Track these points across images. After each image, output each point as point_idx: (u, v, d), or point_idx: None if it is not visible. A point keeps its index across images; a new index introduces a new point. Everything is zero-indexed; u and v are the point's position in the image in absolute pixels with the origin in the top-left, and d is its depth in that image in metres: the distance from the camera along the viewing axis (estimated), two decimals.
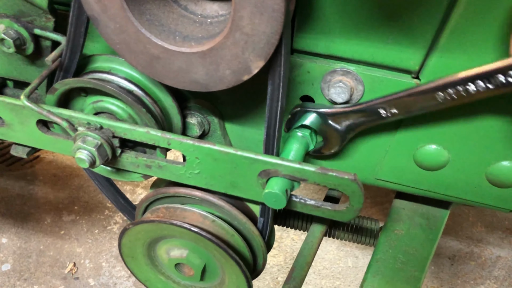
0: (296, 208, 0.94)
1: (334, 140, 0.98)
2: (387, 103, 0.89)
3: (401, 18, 0.80)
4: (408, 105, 0.88)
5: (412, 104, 0.88)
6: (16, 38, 0.94)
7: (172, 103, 0.98)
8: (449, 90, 0.83)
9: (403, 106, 0.89)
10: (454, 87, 0.83)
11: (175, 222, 0.98)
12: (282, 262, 2.29)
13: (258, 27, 0.70)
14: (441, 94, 0.84)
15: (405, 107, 0.89)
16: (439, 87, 0.83)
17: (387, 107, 0.90)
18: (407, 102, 0.88)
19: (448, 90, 0.83)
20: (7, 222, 2.37)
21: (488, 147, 0.92)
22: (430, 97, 0.85)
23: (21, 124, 0.98)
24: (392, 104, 0.89)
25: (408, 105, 0.88)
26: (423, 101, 0.86)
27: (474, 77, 0.80)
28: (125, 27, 0.79)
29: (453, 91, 0.83)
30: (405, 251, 1.11)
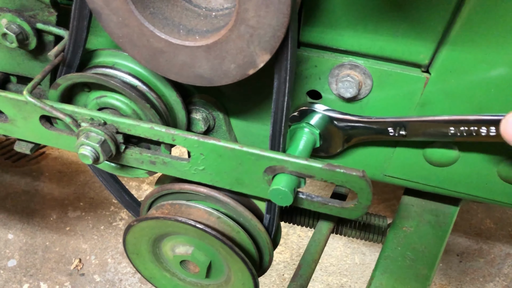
0: (303, 205, 0.93)
1: (336, 143, 0.98)
2: (398, 123, 0.89)
3: (410, 10, 0.78)
4: (418, 130, 0.89)
5: (422, 130, 0.89)
6: (19, 33, 0.93)
7: (177, 98, 0.97)
8: (462, 128, 0.84)
9: (413, 130, 0.90)
10: (467, 126, 0.84)
11: (180, 219, 0.96)
12: (289, 259, 2.27)
13: (263, 19, 0.68)
14: (453, 129, 0.85)
15: (414, 131, 0.90)
16: (453, 121, 0.84)
17: (397, 127, 0.90)
18: (418, 127, 0.88)
19: (461, 128, 0.84)
20: (13, 218, 2.37)
21: (499, 142, 0.90)
22: (442, 128, 0.86)
23: (24, 120, 0.97)
24: (403, 125, 0.89)
25: (418, 130, 0.89)
26: (434, 130, 0.87)
27: (489, 122, 0.80)
28: (128, 21, 0.78)
29: (465, 129, 0.84)
30: (414, 248, 1.09)
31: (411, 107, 0.90)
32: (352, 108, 0.94)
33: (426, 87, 0.86)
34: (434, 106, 0.89)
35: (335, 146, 0.98)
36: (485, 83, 0.83)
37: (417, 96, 0.88)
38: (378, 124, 0.91)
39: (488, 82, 0.82)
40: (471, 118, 0.83)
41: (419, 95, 0.88)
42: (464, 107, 0.87)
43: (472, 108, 0.87)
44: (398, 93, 0.89)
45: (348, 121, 0.93)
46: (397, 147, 0.98)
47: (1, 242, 2.27)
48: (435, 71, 0.84)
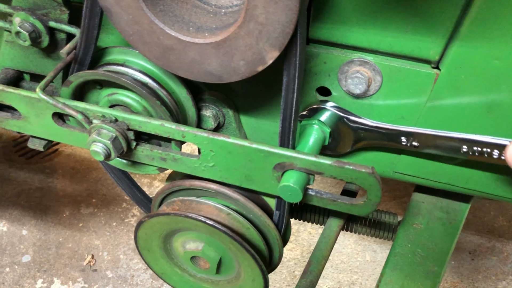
0: (312, 202, 0.93)
1: (345, 144, 0.98)
2: (413, 134, 0.90)
3: (420, 6, 0.78)
4: (431, 143, 0.90)
5: (435, 144, 0.89)
6: (32, 31, 0.94)
7: (187, 95, 0.98)
8: (475, 148, 0.86)
9: (426, 142, 0.90)
10: (481, 147, 0.85)
11: (190, 215, 0.97)
12: (299, 256, 2.28)
13: (272, 16, 0.69)
14: (466, 147, 0.86)
15: (427, 144, 0.90)
16: (467, 140, 0.86)
17: (411, 138, 0.91)
18: (431, 140, 0.89)
19: (474, 147, 0.86)
20: (27, 214, 2.41)
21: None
22: (455, 145, 0.87)
23: (37, 117, 0.99)
24: (417, 137, 0.90)
25: (431, 143, 0.90)
26: (447, 145, 0.88)
27: (503, 146, 0.81)
28: (138, 18, 0.78)
29: (478, 149, 0.86)
30: (424, 245, 1.09)
31: (421, 104, 0.89)
32: (361, 104, 0.93)
33: (436, 83, 0.86)
34: (444, 103, 0.88)
35: (344, 146, 0.98)
36: (496, 79, 0.82)
37: (427, 93, 0.88)
38: (392, 131, 0.92)
39: (499, 78, 0.82)
40: (486, 140, 0.85)
41: (429, 92, 0.87)
42: (475, 104, 0.86)
43: (482, 105, 0.86)
44: (408, 90, 0.89)
45: (362, 124, 0.94)
46: None
47: (16, 238, 2.30)
48: (445, 67, 0.84)
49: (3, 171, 2.61)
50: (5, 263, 2.20)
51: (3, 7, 0.95)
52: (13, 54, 1.05)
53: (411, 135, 0.90)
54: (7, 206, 2.44)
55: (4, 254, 2.23)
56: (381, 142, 0.95)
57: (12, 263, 2.20)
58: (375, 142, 0.95)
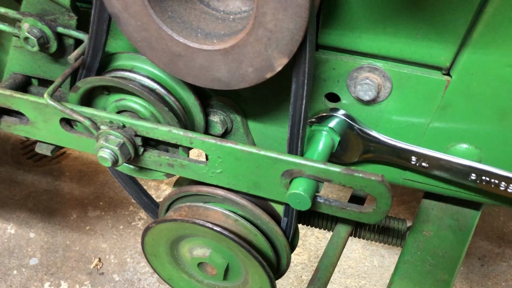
0: (321, 209, 0.92)
1: (353, 154, 0.97)
2: (424, 155, 0.90)
3: (431, 12, 0.77)
4: (440, 166, 0.90)
5: (444, 168, 0.90)
6: (40, 37, 0.94)
7: (195, 101, 0.97)
8: (483, 177, 0.87)
9: (435, 165, 0.91)
10: (489, 177, 0.87)
11: (197, 221, 0.97)
12: (307, 261, 2.26)
13: (281, 23, 0.68)
14: (474, 176, 0.88)
15: (436, 167, 0.91)
16: (477, 169, 0.87)
17: (421, 158, 0.91)
18: (441, 164, 0.90)
19: (482, 177, 0.87)
20: (34, 217, 2.41)
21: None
22: (464, 172, 0.88)
23: (44, 122, 0.99)
24: (428, 159, 0.91)
25: (440, 166, 0.90)
26: (456, 171, 0.89)
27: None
28: (146, 25, 0.78)
29: (486, 179, 0.87)
30: (434, 253, 1.07)
31: (432, 111, 0.88)
32: (371, 111, 0.93)
33: (447, 90, 0.85)
34: (455, 110, 0.87)
35: (351, 155, 0.98)
36: (508, 86, 0.81)
37: (438, 99, 0.87)
38: (403, 150, 0.92)
39: (511, 85, 0.80)
40: (495, 171, 0.86)
41: (439, 98, 0.86)
42: (486, 111, 0.85)
43: (495, 112, 0.85)
44: (418, 96, 0.88)
45: (373, 137, 0.93)
46: None
47: (23, 240, 2.31)
48: (456, 74, 0.83)
49: (11, 173, 2.62)
50: (12, 265, 2.21)
51: (12, 12, 0.95)
52: (21, 59, 1.05)
53: (422, 156, 0.91)
54: (15, 209, 2.44)
55: (12, 257, 2.24)
56: (389, 157, 0.95)
57: (19, 265, 2.21)
58: (383, 156, 0.95)
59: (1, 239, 2.31)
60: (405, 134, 0.94)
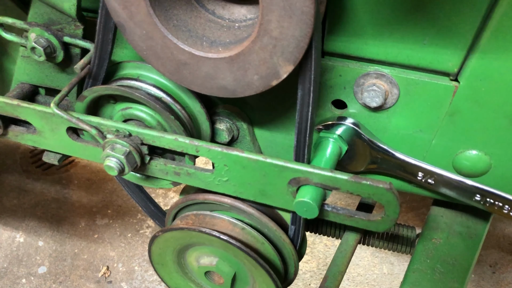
0: (328, 217, 0.91)
1: (360, 163, 0.96)
2: (431, 172, 0.91)
3: (438, 17, 0.76)
4: (446, 184, 0.91)
5: (450, 186, 0.90)
6: (47, 46, 0.95)
7: (201, 109, 0.97)
8: (487, 199, 0.88)
9: (442, 183, 0.91)
10: (493, 199, 0.88)
11: (204, 230, 0.96)
12: (315, 268, 2.24)
13: (287, 30, 0.68)
14: (479, 197, 0.89)
15: (442, 185, 0.91)
16: (482, 190, 0.88)
17: (428, 175, 0.91)
18: (447, 182, 0.90)
19: (487, 198, 0.88)
20: (43, 225, 2.42)
21: None
22: (469, 192, 0.89)
23: (51, 132, 0.99)
24: (435, 175, 0.91)
25: (446, 184, 0.91)
26: (461, 190, 0.90)
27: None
28: (151, 33, 0.78)
29: (490, 201, 0.88)
30: (444, 261, 1.05)
31: (439, 117, 0.87)
32: (378, 117, 0.92)
33: (455, 96, 0.84)
34: (463, 116, 0.86)
35: (357, 165, 0.97)
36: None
37: (446, 106, 0.86)
38: (411, 166, 0.92)
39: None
40: (500, 194, 0.87)
41: (447, 105, 0.85)
42: (495, 116, 0.84)
43: (504, 118, 0.83)
44: (426, 103, 0.87)
45: (382, 149, 0.93)
46: (426, 157, 0.95)
47: (32, 249, 2.31)
48: (464, 80, 0.82)
49: (20, 182, 2.64)
50: (21, 274, 2.21)
51: (19, 23, 0.96)
52: (28, 69, 1.06)
53: (429, 173, 0.90)
54: (24, 217, 2.45)
55: (21, 265, 2.25)
56: (395, 171, 0.95)
57: (28, 274, 2.21)
58: (389, 169, 0.95)
59: (10, 247, 2.32)
60: (413, 141, 0.93)
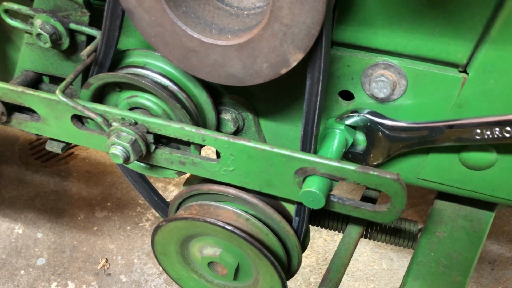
0: (334, 208, 0.91)
1: (381, 151, 0.95)
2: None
3: (448, 8, 0.76)
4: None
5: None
6: (52, 33, 0.94)
7: (207, 98, 0.96)
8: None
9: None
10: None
11: (208, 220, 0.96)
12: (314, 263, 2.25)
13: (298, 17, 0.67)
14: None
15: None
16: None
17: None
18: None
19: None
20: (42, 217, 2.41)
21: None
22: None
23: (56, 119, 0.98)
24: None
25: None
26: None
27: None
28: (160, 20, 0.77)
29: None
30: (448, 254, 1.06)
31: (447, 109, 0.87)
32: (385, 108, 0.91)
33: (463, 87, 0.84)
34: (471, 107, 0.86)
35: (380, 152, 0.96)
36: None
37: (454, 97, 0.85)
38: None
39: None
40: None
41: (456, 96, 0.85)
42: (504, 108, 0.83)
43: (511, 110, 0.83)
44: (434, 94, 0.86)
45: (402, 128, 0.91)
46: (433, 148, 0.95)
47: (31, 240, 2.31)
48: (473, 71, 0.82)
49: (19, 174, 2.63)
50: (20, 265, 2.20)
51: (25, 9, 0.95)
52: (33, 56, 1.05)
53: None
54: (23, 209, 2.45)
55: (19, 257, 2.24)
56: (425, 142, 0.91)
57: (27, 265, 2.21)
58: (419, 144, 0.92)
59: (8, 239, 2.31)
60: None
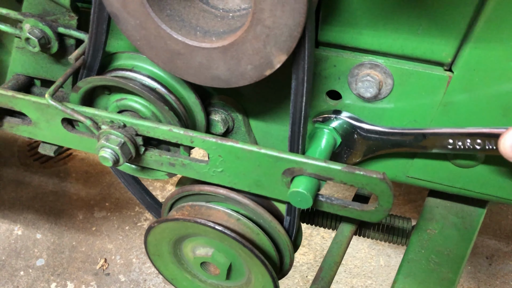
0: (323, 208, 0.91)
1: (358, 152, 0.96)
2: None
3: (432, 7, 0.76)
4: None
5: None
6: (41, 37, 0.95)
7: (195, 100, 0.97)
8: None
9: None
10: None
11: (199, 221, 0.96)
12: (312, 260, 2.25)
13: (279, 19, 0.67)
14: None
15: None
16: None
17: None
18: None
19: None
20: (41, 218, 2.43)
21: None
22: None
23: (47, 123, 0.99)
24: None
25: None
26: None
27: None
28: (145, 23, 0.78)
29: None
30: (439, 251, 1.06)
31: (434, 107, 0.87)
32: (372, 108, 0.92)
33: (449, 86, 0.84)
34: (457, 106, 0.86)
35: (357, 153, 0.97)
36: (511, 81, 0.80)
37: (440, 96, 0.86)
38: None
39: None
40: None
41: (441, 94, 0.85)
42: (490, 107, 0.84)
43: (497, 108, 0.83)
44: (420, 93, 0.87)
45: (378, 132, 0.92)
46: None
47: (30, 241, 2.32)
48: (458, 70, 0.82)
49: (18, 175, 2.64)
50: (19, 266, 2.22)
51: (13, 13, 0.95)
52: (23, 60, 1.05)
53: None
54: (22, 210, 2.46)
55: (19, 258, 2.25)
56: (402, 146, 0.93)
57: (26, 266, 2.22)
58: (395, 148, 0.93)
59: (8, 240, 2.33)
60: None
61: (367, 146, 0.95)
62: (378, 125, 0.92)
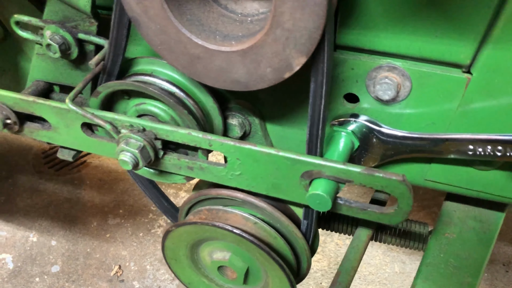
0: (341, 210, 0.91)
1: (375, 156, 0.96)
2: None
3: (450, 9, 0.76)
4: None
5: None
6: (61, 43, 0.96)
7: (213, 104, 0.98)
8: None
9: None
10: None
11: (217, 224, 0.97)
12: (326, 267, 2.24)
13: (299, 22, 0.68)
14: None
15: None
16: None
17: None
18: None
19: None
20: (56, 225, 2.44)
21: None
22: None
23: (66, 128, 1.00)
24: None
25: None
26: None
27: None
28: (165, 28, 0.79)
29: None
30: (457, 255, 1.05)
31: (452, 109, 0.87)
32: (390, 110, 0.92)
33: (467, 88, 0.84)
34: (476, 108, 0.86)
35: (372, 160, 0.97)
36: None
37: (458, 98, 0.85)
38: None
39: None
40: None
41: (460, 97, 0.85)
42: (508, 109, 0.83)
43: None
44: (439, 95, 0.87)
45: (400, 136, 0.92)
46: None
47: (45, 248, 2.34)
48: (477, 71, 0.82)
49: (33, 182, 2.67)
50: (35, 273, 2.23)
51: (35, 20, 0.97)
52: (43, 66, 1.07)
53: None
54: (37, 217, 2.48)
55: (34, 264, 2.27)
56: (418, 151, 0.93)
57: (41, 273, 2.23)
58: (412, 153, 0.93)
59: (23, 247, 2.35)
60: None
61: (385, 150, 0.95)
62: (397, 130, 0.92)
